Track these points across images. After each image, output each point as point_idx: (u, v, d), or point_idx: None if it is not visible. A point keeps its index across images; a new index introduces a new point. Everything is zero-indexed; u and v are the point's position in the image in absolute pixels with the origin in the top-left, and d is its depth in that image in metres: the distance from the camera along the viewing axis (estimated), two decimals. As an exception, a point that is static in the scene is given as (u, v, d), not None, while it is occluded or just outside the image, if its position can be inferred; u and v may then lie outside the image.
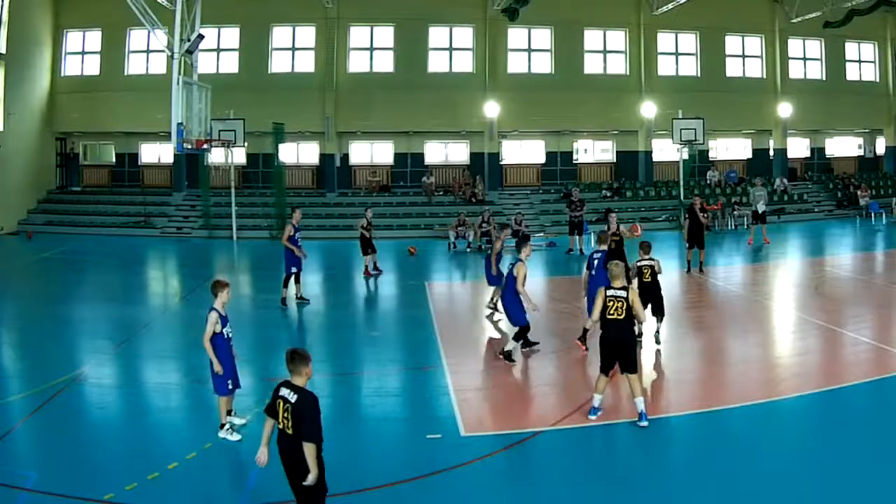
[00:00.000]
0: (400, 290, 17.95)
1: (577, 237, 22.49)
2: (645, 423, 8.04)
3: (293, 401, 5.50)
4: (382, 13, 29.99)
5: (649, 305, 11.03)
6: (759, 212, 23.02)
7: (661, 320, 11.47)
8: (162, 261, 23.79)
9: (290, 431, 5.51)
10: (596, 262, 11.44)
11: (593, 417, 8.31)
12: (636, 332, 9.45)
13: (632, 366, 8.20)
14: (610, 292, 8.28)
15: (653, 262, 11.47)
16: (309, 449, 5.39)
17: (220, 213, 27.50)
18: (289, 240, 14.62)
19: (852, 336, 11.64)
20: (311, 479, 5.42)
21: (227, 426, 7.96)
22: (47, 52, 29.57)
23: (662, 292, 11.55)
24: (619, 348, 8.22)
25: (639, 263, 11.44)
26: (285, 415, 5.53)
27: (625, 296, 8.23)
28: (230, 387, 8.00)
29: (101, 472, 7.09)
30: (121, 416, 8.88)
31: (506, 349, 10.36)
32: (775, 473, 6.88)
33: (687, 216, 18.74)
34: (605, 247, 11.88)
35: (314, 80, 29.98)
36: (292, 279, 14.75)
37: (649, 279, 11.35)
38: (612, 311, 8.23)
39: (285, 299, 14.76)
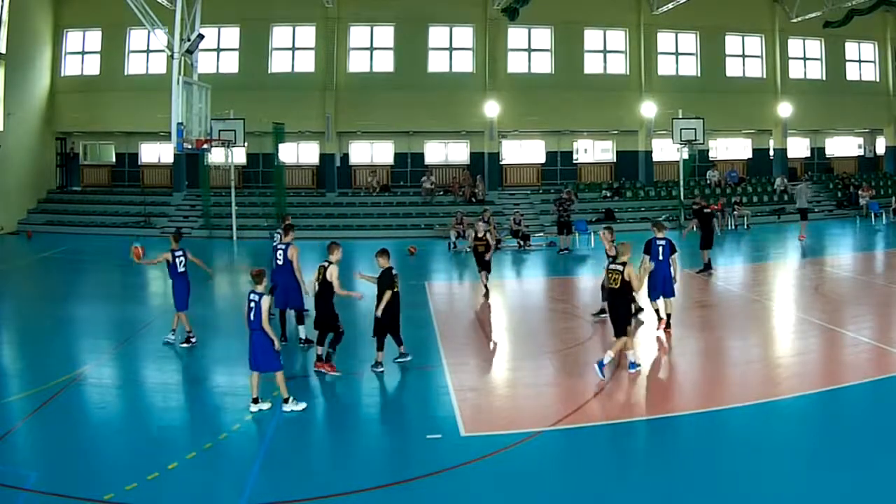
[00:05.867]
0: (400, 289, 17.87)
1: (566, 236, 22.74)
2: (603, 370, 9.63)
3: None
4: (382, 13, 30.00)
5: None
6: (801, 208, 23.87)
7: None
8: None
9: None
10: (661, 248, 12.04)
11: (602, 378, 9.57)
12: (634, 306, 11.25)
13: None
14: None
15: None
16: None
17: (220, 212, 27.50)
18: None
19: (852, 336, 11.63)
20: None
21: (291, 399, 8.72)
22: (47, 52, 29.57)
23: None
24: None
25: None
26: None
27: (621, 269, 9.79)
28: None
29: (101, 472, 7.09)
30: (121, 416, 8.88)
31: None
32: (775, 473, 6.88)
33: (695, 218, 18.55)
34: (662, 235, 12.18)
35: (314, 79, 29.98)
36: None
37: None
38: (610, 282, 9.91)
39: None
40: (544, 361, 10.87)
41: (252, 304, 8.64)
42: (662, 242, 12.05)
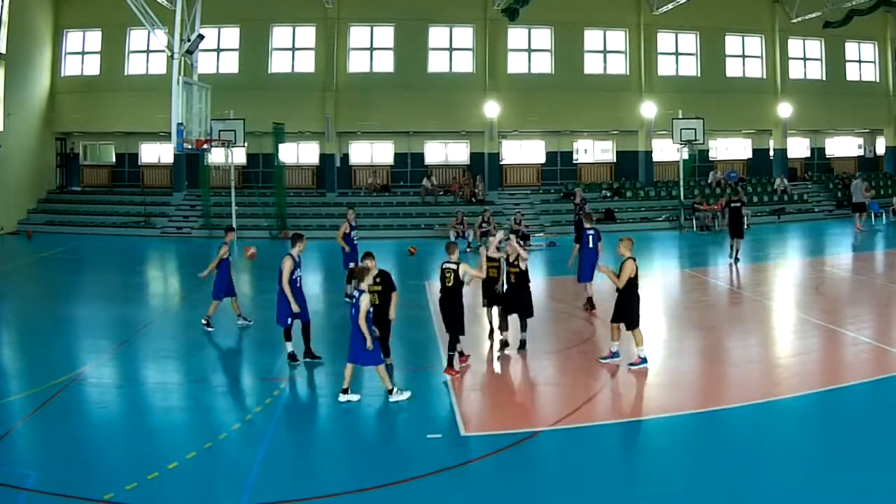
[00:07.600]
0: (400, 289, 17.89)
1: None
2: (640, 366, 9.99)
3: (455, 267, 9.87)
4: (382, 13, 30.02)
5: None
6: (857, 202, 26.09)
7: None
8: (162, 261, 23.79)
9: (449, 284, 9.90)
10: (591, 237, 13.49)
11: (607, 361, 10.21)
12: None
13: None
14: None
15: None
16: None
17: (220, 213, 27.50)
18: (344, 238, 15.05)
19: (852, 336, 11.63)
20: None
21: (395, 390, 9.01)
22: (47, 52, 29.58)
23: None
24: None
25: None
26: (448, 274, 9.84)
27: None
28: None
29: (101, 472, 7.08)
30: (121, 416, 8.87)
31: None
32: (775, 473, 6.87)
33: (728, 212, 20.21)
34: (591, 225, 13.78)
35: (314, 80, 30.00)
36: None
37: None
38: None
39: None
40: (544, 361, 10.87)
41: (354, 300, 8.99)
42: (591, 232, 13.47)
